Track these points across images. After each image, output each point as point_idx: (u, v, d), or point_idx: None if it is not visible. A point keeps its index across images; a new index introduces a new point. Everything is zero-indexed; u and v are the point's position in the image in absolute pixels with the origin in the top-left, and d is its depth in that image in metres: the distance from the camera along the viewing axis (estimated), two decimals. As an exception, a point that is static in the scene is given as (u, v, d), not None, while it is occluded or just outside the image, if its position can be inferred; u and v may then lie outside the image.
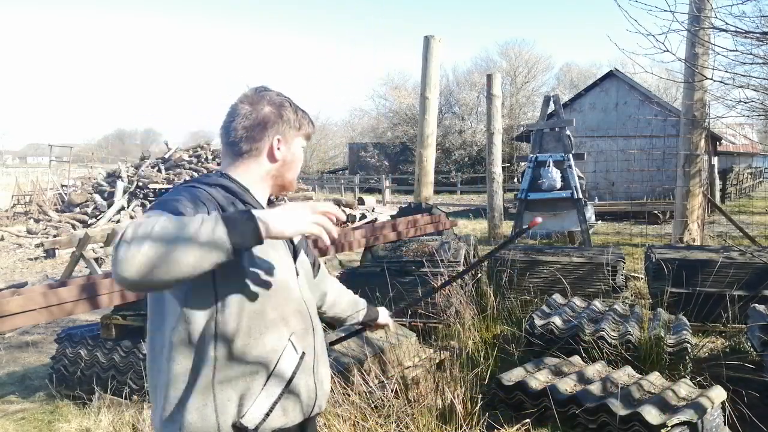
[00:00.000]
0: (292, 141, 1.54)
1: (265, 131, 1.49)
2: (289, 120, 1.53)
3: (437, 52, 9.43)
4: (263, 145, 1.50)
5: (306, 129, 1.58)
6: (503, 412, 3.38)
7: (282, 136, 1.51)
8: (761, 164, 34.73)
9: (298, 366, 1.42)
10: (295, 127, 1.54)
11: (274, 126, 1.50)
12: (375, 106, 43.77)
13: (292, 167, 1.57)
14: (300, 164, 1.60)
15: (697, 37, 5.88)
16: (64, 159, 26.90)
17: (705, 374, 3.65)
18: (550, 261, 5.67)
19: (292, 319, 1.45)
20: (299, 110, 1.57)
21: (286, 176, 1.56)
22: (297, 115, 1.55)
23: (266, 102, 1.51)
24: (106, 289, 3.70)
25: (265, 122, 1.49)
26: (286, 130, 1.52)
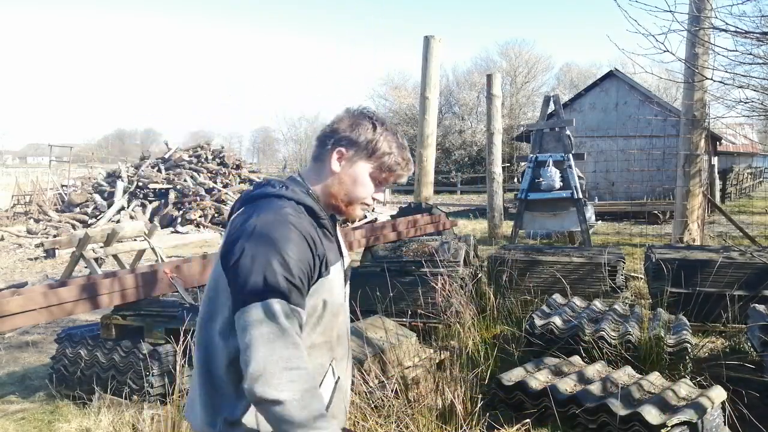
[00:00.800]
0: (356, 162, 1.44)
1: (331, 139, 1.44)
2: (359, 139, 1.43)
3: (437, 52, 9.43)
4: (326, 153, 1.45)
5: (382, 159, 1.45)
6: (503, 412, 3.38)
7: (345, 150, 1.43)
8: (761, 164, 34.74)
9: (334, 390, 1.44)
10: (367, 150, 1.43)
11: (343, 139, 1.43)
12: (375, 106, 43.69)
13: (348, 189, 1.45)
14: (362, 192, 1.46)
15: (697, 37, 5.88)
16: (64, 159, 26.91)
17: (705, 374, 3.65)
18: (550, 261, 5.67)
19: (335, 344, 1.45)
20: (385, 139, 1.45)
21: (340, 197, 1.45)
22: (375, 140, 1.43)
23: (352, 116, 1.46)
24: (106, 289, 3.70)
25: (336, 131, 1.44)
26: (352, 147, 1.43)
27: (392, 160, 1.45)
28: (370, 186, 1.46)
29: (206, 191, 16.15)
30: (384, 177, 1.46)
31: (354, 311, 4.12)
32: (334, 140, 1.44)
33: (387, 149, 1.44)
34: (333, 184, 1.44)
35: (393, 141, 1.46)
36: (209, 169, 17.55)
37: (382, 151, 1.44)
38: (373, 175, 1.45)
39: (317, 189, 1.45)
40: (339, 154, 1.43)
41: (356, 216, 1.51)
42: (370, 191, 1.47)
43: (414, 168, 1.55)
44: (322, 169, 1.45)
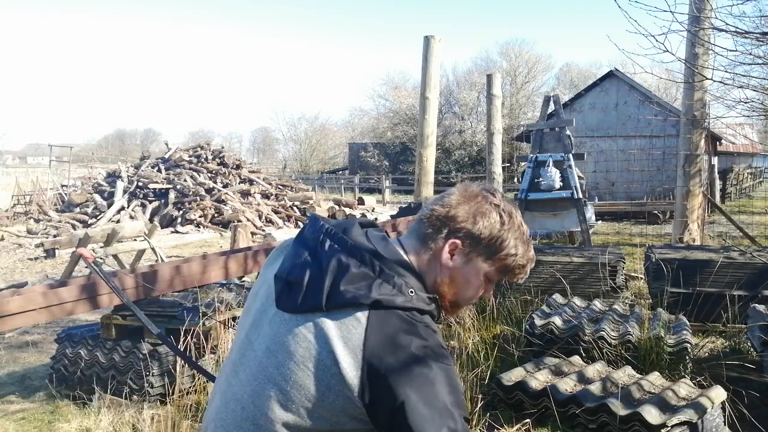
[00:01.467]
0: (473, 259, 1.19)
1: (447, 227, 1.18)
2: (481, 233, 1.18)
3: (437, 52, 9.43)
4: (439, 240, 1.18)
5: (505, 261, 1.21)
6: (503, 412, 3.39)
7: (462, 244, 1.18)
8: (761, 164, 34.74)
9: None
10: (488, 247, 1.19)
11: (461, 229, 1.18)
12: (375, 106, 43.82)
13: (457, 289, 1.21)
14: (472, 293, 1.23)
15: (697, 38, 5.87)
16: (64, 159, 26.93)
17: (705, 374, 3.65)
18: (550, 261, 5.67)
19: None
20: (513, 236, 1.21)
21: (446, 295, 1.20)
22: (500, 237, 1.19)
23: (475, 202, 1.19)
24: (106, 289, 3.70)
25: (455, 219, 1.18)
26: (470, 242, 1.18)
27: (516, 263, 1.22)
28: (482, 287, 1.23)
29: (206, 191, 16.15)
30: (499, 278, 1.24)
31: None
32: (449, 229, 1.18)
33: (513, 250, 1.21)
34: (443, 282, 1.19)
35: (519, 238, 1.22)
36: (209, 169, 17.55)
37: (507, 252, 1.20)
38: (488, 275, 1.22)
39: (426, 281, 1.19)
40: (453, 246, 1.18)
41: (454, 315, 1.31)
42: (481, 293, 1.25)
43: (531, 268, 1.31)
44: (432, 257, 1.19)
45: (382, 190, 24.33)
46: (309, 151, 48.40)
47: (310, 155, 48.15)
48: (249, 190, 16.87)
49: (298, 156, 49.20)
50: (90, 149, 42.57)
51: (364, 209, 17.60)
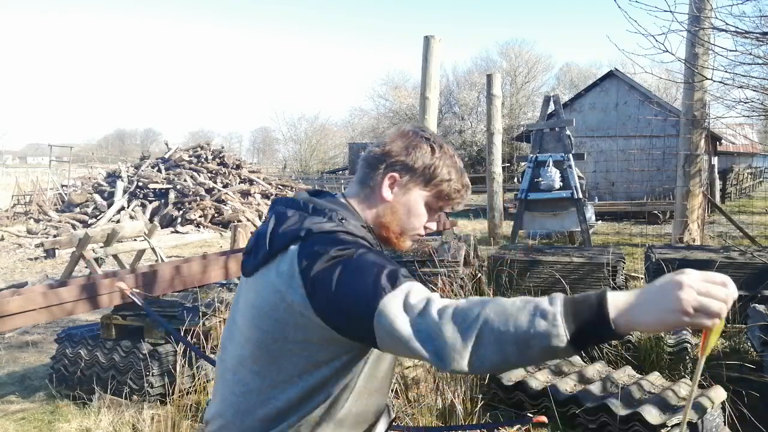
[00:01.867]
0: (412, 189, 1.28)
1: (383, 163, 1.27)
2: (415, 163, 1.26)
3: (437, 52, 9.42)
4: (377, 176, 1.28)
5: (441, 187, 1.29)
6: (503, 412, 3.39)
7: (399, 176, 1.26)
8: (761, 164, 34.74)
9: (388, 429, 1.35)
10: (423, 176, 1.27)
11: (396, 162, 1.26)
12: (375, 106, 43.83)
13: (401, 219, 1.29)
14: (416, 222, 1.30)
15: (697, 38, 5.88)
16: (64, 159, 26.93)
17: (705, 374, 3.65)
18: (550, 261, 5.67)
19: (388, 382, 1.34)
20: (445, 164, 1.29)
21: (392, 227, 1.29)
22: (434, 165, 1.27)
23: (407, 137, 1.29)
24: (106, 289, 3.70)
25: (389, 154, 1.27)
26: (406, 173, 1.27)
27: (451, 188, 1.30)
28: (425, 215, 1.31)
29: (206, 191, 16.15)
30: (440, 205, 1.32)
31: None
32: (386, 164, 1.27)
33: (446, 175, 1.29)
34: (385, 214, 1.28)
35: (452, 165, 1.30)
36: (209, 169, 17.55)
37: (441, 178, 1.28)
38: (428, 204, 1.30)
39: (367, 217, 1.28)
40: (392, 179, 1.27)
41: (405, 248, 1.35)
42: (424, 221, 1.32)
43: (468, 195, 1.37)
44: (372, 196, 1.29)
45: (382, 190, 24.30)
46: (309, 151, 48.40)
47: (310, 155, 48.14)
48: (249, 190, 16.87)
49: (298, 156, 49.20)
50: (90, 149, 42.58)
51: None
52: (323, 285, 1.07)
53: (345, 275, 1.06)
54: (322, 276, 1.07)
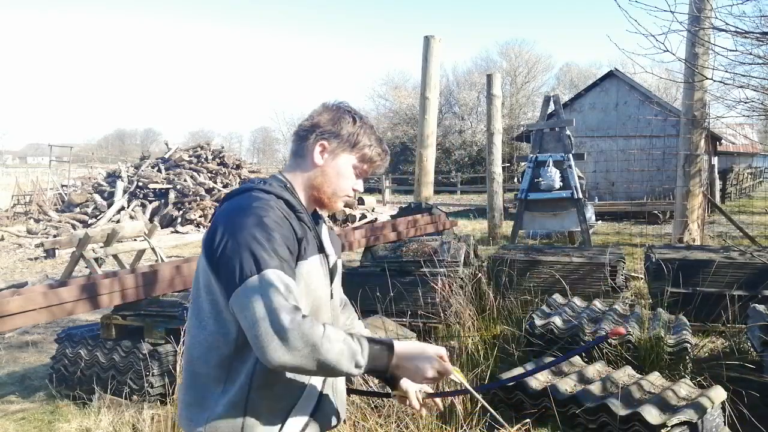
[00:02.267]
0: (339, 154, 1.48)
1: (313, 133, 1.47)
2: (341, 131, 1.47)
3: (437, 52, 9.43)
4: (308, 146, 1.48)
5: (364, 151, 1.50)
6: (503, 412, 3.38)
7: (328, 143, 1.47)
8: (761, 164, 34.74)
9: (324, 381, 1.46)
10: (349, 141, 1.48)
11: (324, 131, 1.47)
12: (375, 106, 43.80)
13: (332, 182, 1.48)
14: (345, 184, 1.50)
15: (697, 37, 5.88)
16: (64, 159, 26.93)
17: (705, 374, 3.65)
18: (550, 261, 5.67)
19: None
20: (365, 131, 1.50)
21: (324, 189, 1.48)
22: (357, 132, 1.48)
23: (331, 110, 1.49)
24: (106, 289, 3.70)
25: (317, 125, 1.47)
26: (334, 140, 1.47)
27: (373, 152, 1.50)
28: (352, 178, 1.51)
29: (206, 191, 16.15)
30: (365, 168, 1.51)
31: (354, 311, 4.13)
32: (315, 134, 1.47)
33: (368, 141, 1.49)
34: (316, 177, 1.47)
35: (372, 133, 1.51)
36: (209, 169, 17.55)
37: (364, 143, 1.48)
38: (354, 167, 1.50)
39: (299, 184, 1.48)
40: (322, 147, 1.47)
41: (338, 209, 1.53)
42: (352, 183, 1.51)
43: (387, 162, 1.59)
44: (304, 164, 1.48)
45: (382, 190, 24.32)
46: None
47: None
48: (249, 190, 16.84)
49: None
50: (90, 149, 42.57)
51: (364, 209, 17.59)
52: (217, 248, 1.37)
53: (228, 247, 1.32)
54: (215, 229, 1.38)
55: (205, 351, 1.35)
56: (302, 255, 1.37)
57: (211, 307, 1.34)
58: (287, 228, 1.34)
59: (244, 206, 1.34)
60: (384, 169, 1.59)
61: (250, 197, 1.38)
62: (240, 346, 1.32)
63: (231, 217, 1.33)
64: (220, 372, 1.34)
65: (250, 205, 1.34)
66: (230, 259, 1.27)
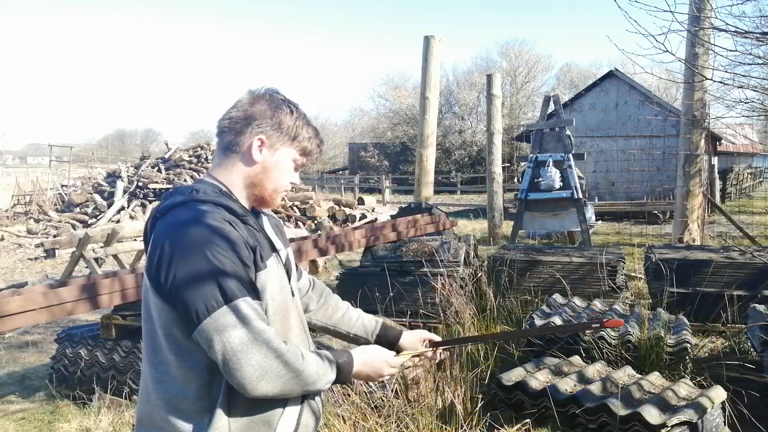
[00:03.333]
0: (279, 148, 1.37)
1: (249, 126, 1.34)
2: (281, 124, 1.36)
3: (437, 52, 9.43)
4: (244, 141, 1.35)
5: (304, 144, 1.40)
6: (503, 412, 3.38)
7: (267, 137, 1.35)
8: (761, 164, 34.73)
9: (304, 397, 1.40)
10: (288, 134, 1.37)
11: (261, 124, 1.34)
12: (375, 106, 43.85)
13: (273, 178, 1.38)
14: (285, 179, 1.40)
15: (697, 38, 5.88)
16: (64, 159, 26.92)
17: (705, 374, 3.65)
18: (550, 261, 5.67)
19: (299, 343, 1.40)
20: (303, 122, 1.40)
21: (265, 186, 1.37)
22: (296, 124, 1.38)
23: (265, 100, 1.37)
24: (106, 289, 3.70)
25: (253, 117, 1.34)
26: (273, 133, 1.36)
27: (313, 144, 1.42)
28: (292, 172, 1.42)
29: (206, 191, 16.13)
30: (304, 161, 1.43)
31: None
32: (251, 127, 1.34)
33: (307, 133, 1.40)
34: (256, 174, 1.36)
35: (308, 124, 1.42)
36: (209, 169, 17.55)
37: (303, 135, 1.39)
38: (294, 160, 1.41)
39: (235, 183, 1.36)
40: (260, 141, 1.35)
41: (278, 205, 1.44)
42: (291, 177, 1.42)
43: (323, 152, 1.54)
44: (240, 160, 1.36)
45: (382, 190, 24.32)
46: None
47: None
48: (249, 190, 16.85)
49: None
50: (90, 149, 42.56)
51: (364, 209, 17.58)
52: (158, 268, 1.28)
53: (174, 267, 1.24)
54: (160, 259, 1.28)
55: (182, 386, 1.25)
56: (259, 265, 1.28)
57: (168, 343, 1.24)
58: (240, 240, 1.24)
59: (186, 224, 1.22)
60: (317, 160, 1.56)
61: (190, 211, 1.25)
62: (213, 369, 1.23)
63: (176, 239, 1.20)
64: (202, 403, 1.25)
65: (193, 221, 1.22)
66: (187, 290, 1.17)
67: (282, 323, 1.36)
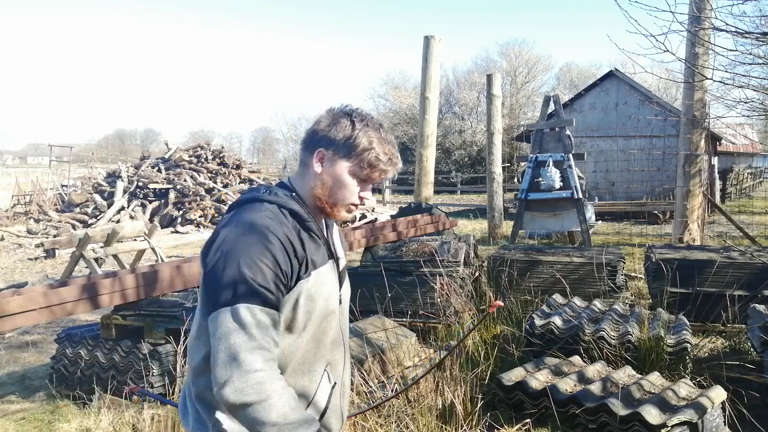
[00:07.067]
0: (336, 163, 1.40)
1: (312, 140, 1.43)
2: (336, 139, 1.40)
3: (437, 52, 9.43)
4: (308, 153, 1.44)
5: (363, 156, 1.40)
6: (503, 412, 3.38)
7: (326, 150, 1.41)
8: (761, 164, 34.74)
9: (331, 395, 1.45)
10: (344, 149, 1.40)
11: (322, 139, 1.41)
12: (375, 106, 43.75)
13: (332, 191, 1.42)
14: (346, 192, 1.42)
15: (697, 37, 5.88)
16: (64, 159, 26.94)
17: (705, 374, 3.65)
18: (550, 261, 5.67)
19: (330, 349, 1.45)
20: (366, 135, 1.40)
21: (325, 199, 1.42)
22: (354, 137, 1.39)
23: (331, 115, 1.43)
24: (106, 289, 3.70)
25: (316, 132, 1.42)
26: (331, 147, 1.40)
27: (372, 156, 1.40)
28: (353, 185, 1.43)
29: (206, 191, 16.14)
30: (366, 174, 1.42)
31: (354, 311, 4.13)
32: (314, 141, 1.42)
33: (366, 145, 1.40)
34: (316, 186, 1.42)
35: (374, 136, 1.41)
36: (209, 169, 17.55)
37: (362, 148, 1.39)
38: (354, 173, 1.41)
39: (304, 192, 1.44)
40: (320, 154, 1.41)
41: (342, 218, 1.47)
42: (355, 191, 1.43)
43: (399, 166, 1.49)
44: (307, 172, 1.44)
45: (382, 190, 24.32)
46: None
47: None
48: (249, 190, 16.84)
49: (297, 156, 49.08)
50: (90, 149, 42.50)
51: (364, 209, 17.60)
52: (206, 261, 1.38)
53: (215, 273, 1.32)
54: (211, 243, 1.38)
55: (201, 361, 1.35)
56: (302, 275, 1.34)
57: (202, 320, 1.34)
58: (288, 247, 1.31)
59: (247, 222, 1.32)
60: (394, 173, 1.49)
61: (256, 209, 1.35)
62: None
63: (231, 231, 1.31)
64: None
65: (253, 221, 1.31)
66: (215, 278, 1.26)
67: (319, 327, 1.41)
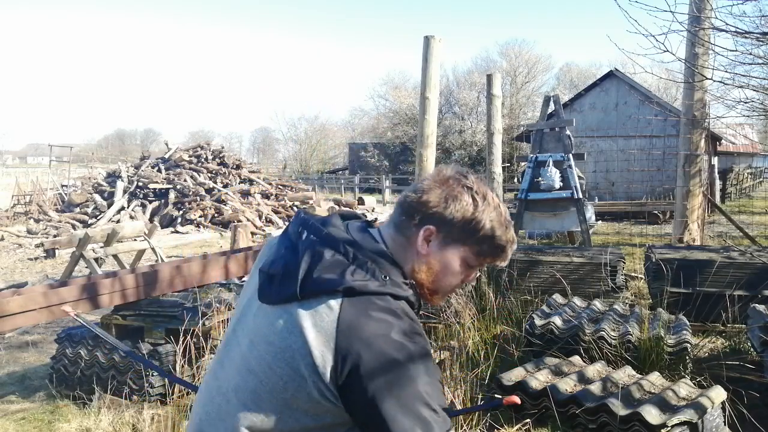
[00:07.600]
0: (448, 247, 1.16)
1: (420, 213, 1.15)
2: (454, 218, 1.14)
3: (437, 52, 9.40)
4: (413, 228, 1.15)
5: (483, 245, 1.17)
6: (503, 412, 3.38)
7: (436, 230, 1.15)
8: (761, 164, 34.74)
9: None
10: (463, 231, 1.15)
11: (432, 214, 1.14)
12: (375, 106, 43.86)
13: (437, 277, 1.18)
14: (452, 281, 1.19)
15: (697, 38, 5.88)
16: (64, 159, 26.95)
17: (705, 374, 3.65)
18: (550, 261, 5.67)
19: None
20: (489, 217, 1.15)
21: (425, 284, 1.18)
22: (477, 220, 1.14)
23: (447, 185, 1.16)
24: (106, 289, 3.71)
25: (426, 204, 1.15)
26: (444, 228, 1.15)
27: (495, 245, 1.17)
28: (462, 274, 1.20)
29: (206, 191, 16.14)
30: (481, 262, 1.20)
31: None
32: (422, 215, 1.15)
33: (489, 231, 1.16)
34: (419, 270, 1.17)
35: (496, 219, 1.16)
36: (209, 169, 17.55)
37: (483, 234, 1.16)
38: (467, 261, 1.18)
39: (406, 270, 1.17)
40: (428, 232, 1.15)
41: (436, 304, 1.27)
42: (461, 278, 1.21)
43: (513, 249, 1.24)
44: (408, 245, 1.17)
45: (382, 190, 24.34)
46: (309, 151, 48.45)
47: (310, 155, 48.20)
48: (249, 190, 16.87)
49: (298, 156, 49.24)
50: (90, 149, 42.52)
51: (364, 209, 17.60)
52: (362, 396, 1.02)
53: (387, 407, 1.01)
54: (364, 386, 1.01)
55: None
56: None
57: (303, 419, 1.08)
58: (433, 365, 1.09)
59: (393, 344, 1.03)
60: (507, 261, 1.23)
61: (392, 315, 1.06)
62: None
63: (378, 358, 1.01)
64: None
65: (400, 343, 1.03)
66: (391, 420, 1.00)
67: None
